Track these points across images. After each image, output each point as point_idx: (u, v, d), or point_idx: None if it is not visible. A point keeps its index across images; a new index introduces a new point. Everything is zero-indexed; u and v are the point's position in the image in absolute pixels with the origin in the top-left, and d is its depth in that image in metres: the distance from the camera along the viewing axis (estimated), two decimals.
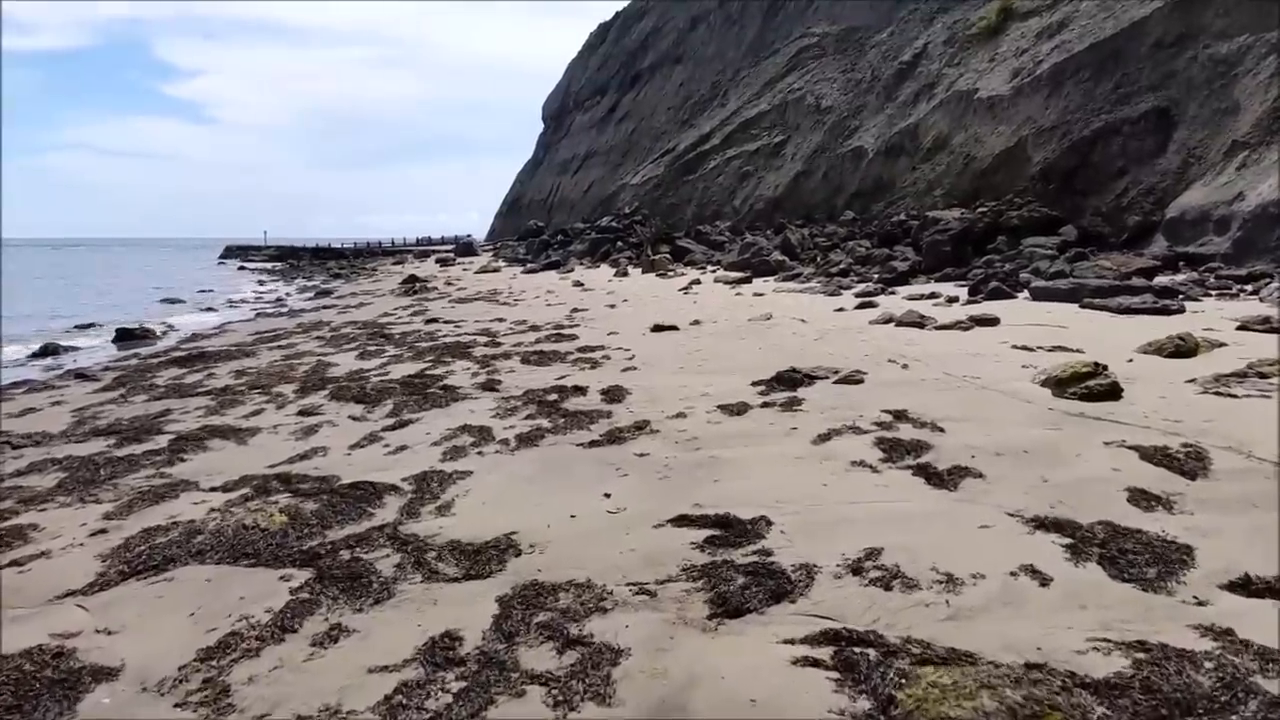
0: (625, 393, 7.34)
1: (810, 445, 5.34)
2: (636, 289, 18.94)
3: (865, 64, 30.74)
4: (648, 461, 5.20)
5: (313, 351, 11.35)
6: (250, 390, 8.52)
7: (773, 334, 10.52)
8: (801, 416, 6.15)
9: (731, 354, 9.18)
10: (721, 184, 34.44)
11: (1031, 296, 11.72)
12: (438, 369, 9.18)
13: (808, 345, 9.43)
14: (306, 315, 17.90)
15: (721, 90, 40.82)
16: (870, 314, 11.61)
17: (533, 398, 7.32)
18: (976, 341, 8.95)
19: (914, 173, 23.36)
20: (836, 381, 7.31)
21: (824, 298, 14.33)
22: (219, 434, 6.52)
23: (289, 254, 59.84)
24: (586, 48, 67.41)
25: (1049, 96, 19.96)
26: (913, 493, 4.37)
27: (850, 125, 28.50)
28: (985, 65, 23.87)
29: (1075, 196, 17.49)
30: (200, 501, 4.83)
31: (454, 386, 8.06)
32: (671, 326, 11.45)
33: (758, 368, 8.18)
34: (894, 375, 7.48)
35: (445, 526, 4.22)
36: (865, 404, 6.37)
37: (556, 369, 8.88)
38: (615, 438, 5.82)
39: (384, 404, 7.43)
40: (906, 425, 5.65)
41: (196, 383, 9.28)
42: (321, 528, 4.27)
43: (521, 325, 13.00)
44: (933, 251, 16.14)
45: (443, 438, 6.04)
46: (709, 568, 3.53)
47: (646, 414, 6.50)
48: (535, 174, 68.76)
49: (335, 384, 8.53)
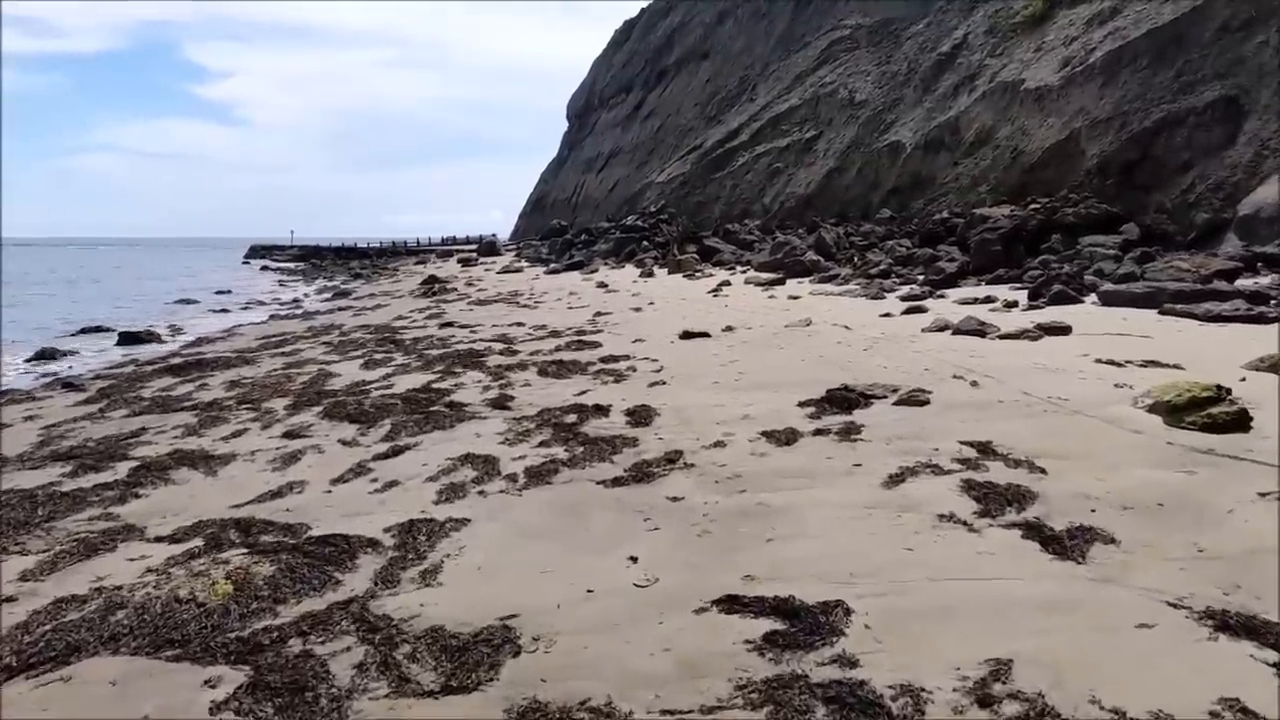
0: (653, 414, 6.41)
1: (881, 489, 4.38)
2: (663, 291, 18.00)
3: (901, 56, 29.52)
4: (682, 509, 4.26)
5: (316, 359, 10.55)
6: (238, 405, 7.71)
7: (814, 343, 9.54)
8: (863, 448, 5.18)
9: (771, 366, 8.22)
10: (750, 181, 33.36)
11: (1100, 301, 10.63)
12: (446, 381, 8.31)
13: (856, 357, 8.44)
14: (320, 318, 17.17)
15: (750, 85, 39.72)
16: (920, 320, 10.58)
17: (548, 419, 6.42)
18: (1050, 353, 7.91)
19: (955, 168, 22.17)
20: (898, 402, 6.33)
21: (866, 301, 13.30)
22: (188, 461, 5.68)
23: (312, 254, 59.57)
24: (611, 45, 66.56)
25: (1103, 86, 18.71)
26: (1028, 564, 3.40)
27: (886, 119, 27.32)
28: (1031, 55, 22.62)
29: (1136, 192, 16.27)
30: (139, 557, 3.97)
31: (461, 404, 7.18)
32: (702, 333, 10.50)
33: (803, 383, 7.22)
34: (963, 395, 6.48)
35: (428, 603, 3.31)
36: (937, 432, 5.39)
37: (576, 383, 7.97)
38: (642, 473, 4.90)
39: (380, 424, 6.56)
40: (996, 463, 4.66)
41: (184, 395, 8.50)
42: (274, 601, 3.39)
43: (541, 331, 12.12)
44: (982, 251, 15.02)
45: (440, 470, 5.15)
46: (773, 687, 2.58)
47: (678, 441, 5.57)
48: (559, 173, 68.03)
49: (332, 399, 7.69)
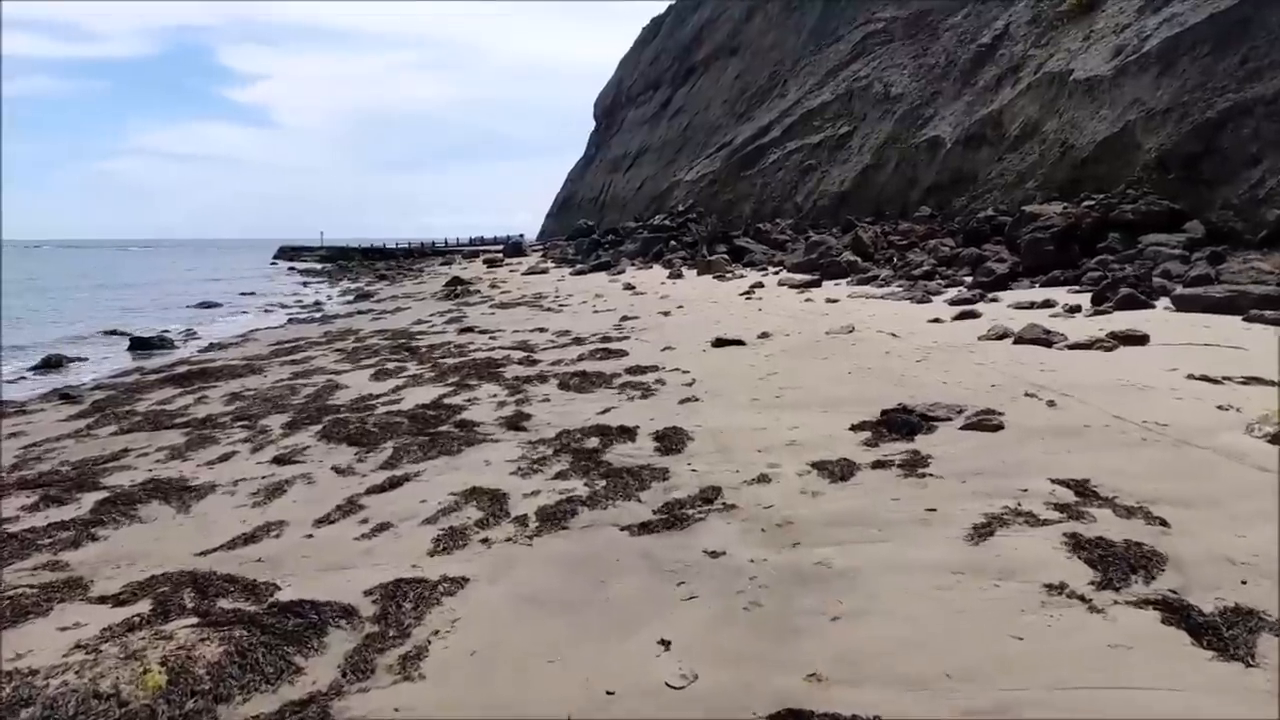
0: (685, 438, 5.68)
1: (966, 545, 3.60)
2: (692, 293, 17.24)
3: (939, 48, 28.47)
4: (724, 569, 3.52)
5: (326, 368, 9.95)
6: (233, 423, 7.10)
7: (861, 351, 8.74)
8: (935, 487, 4.40)
9: (814, 380, 7.45)
10: (782, 179, 32.46)
11: (1175, 306, 9.69)
12: (458, 396, 7.64)
13: (909, 369, 7.63)
14: (339, 321, 16.65)
15: (780, 81, 38.78)
16: (975, 326, 9.73)
17: (567, 443, 5.71)
18: (1131, 367, 7.04)
19: (999, 163, 21.14)
20: (966, 426, 5.54)
21: (911, 305, 12.43)
22: (161, 492, 5.05)
23: (340, 255, 59.50)
24: (639, 42, 65.89)
25: (1160, 76, 17.62)
26: (1180, 665, 2.61)
27: (924, 114, 26.30)
28: (1079, 45, 21.53)
29: (1199, 187, 15.19)
30: (73, 625, 3.32)
31: (472, 423, 6.50)
32: (736, 341, 9.74)
33: (853, 400, 6.45)
34: (1041, 417, 5.66)
35: (405, 707, 2.61)
36: (1020, 466, 4.60)
37: (599, 398, 7.26)
38: (674, 516, 4.17)
39: (381, 448, 5.90)
40: (1102, 510, 3.86)
41: (180, 410, 7.92)
42: (214, 699, 2.70)
43: (564, 337, 11.43)
44: (1033, 251, 14.07)
45: (441, 509, 4.45)
46: None
47: (715, 473, 4.84)
48: (586, 172, 67.47)
49: (333, 415, 7.06)
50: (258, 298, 26.07)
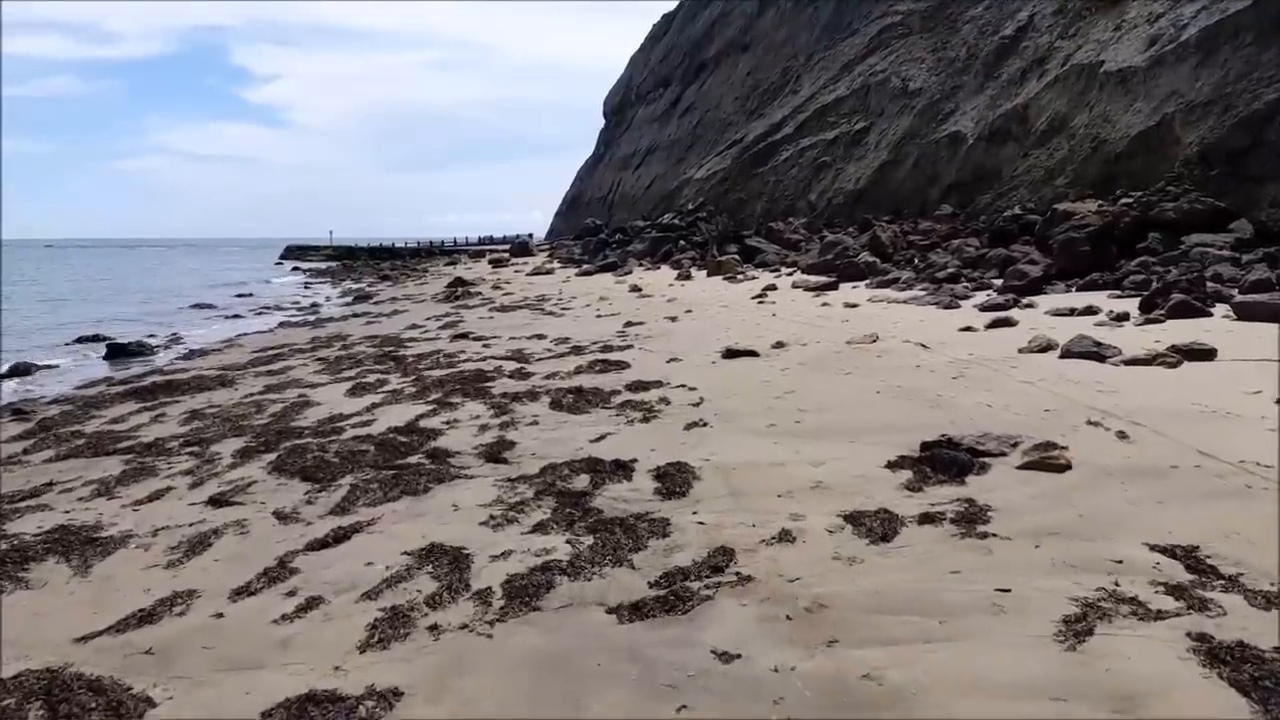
0: (691, 476, 4.82)
1: (1059, 650, 2.72)
2: (701, 295, 16.37)
3: (959, 41, 27.45)
4: (738, 682, 2.66)
5: (302, 380, 9.14)
6: (182, 449, 6.30)
7: (887, 365, 7.85)
8: (1003, 552, 3.53)
9: (838, 399, 6.57)
10: (795, 176, 31.49)
11: (1236, 314, 8.74)
12: (438, 416, 6.80)
13: (946, 387, 6.74)
14: (330, 326, 15.86)
15: (793, 76, 37.77)
16: (1012, 336, 8.82)
17: (552, 481, 4.87)
18: (1203, 388, 6.13)
19: (1026, 159, 20.15)
20: (1026, 465, 4.66)
21: (938, 311, 11.52)
22: (64, 546, 4.23)
23: (346, 254, 58.79)
24: (649, 39, 64.93)
25: (1199, 66, 16.60)
26: None
27: (944, 108, 25.30)
28: (1109, 35, 20.51)
29: (1246, 184, 14.17)
30: None
31: (446, 453, 5.66)
32: (749, 351, 8.87)
33: (885, 427, 5.59)
34: (1113, 452, 4.78)
35: None
36: (1103, 522, 3.73)
37: (595, 420, 6.41)
38: (675, 593, 3.32)
39: (338, 485, 5.07)
40: (1230, 596, 2.98)
41: (131, 430, 7.12)
42: None
43: (562, 345, 10.59)
44: (1067, 252, 13.12)
45: (386, 579, 3.61)
46: None
47: (726, 528, 3.99)
48: (595, 171, 66.60)
49: (294, 440, 6.24)
50: (254, 299, 25.35)
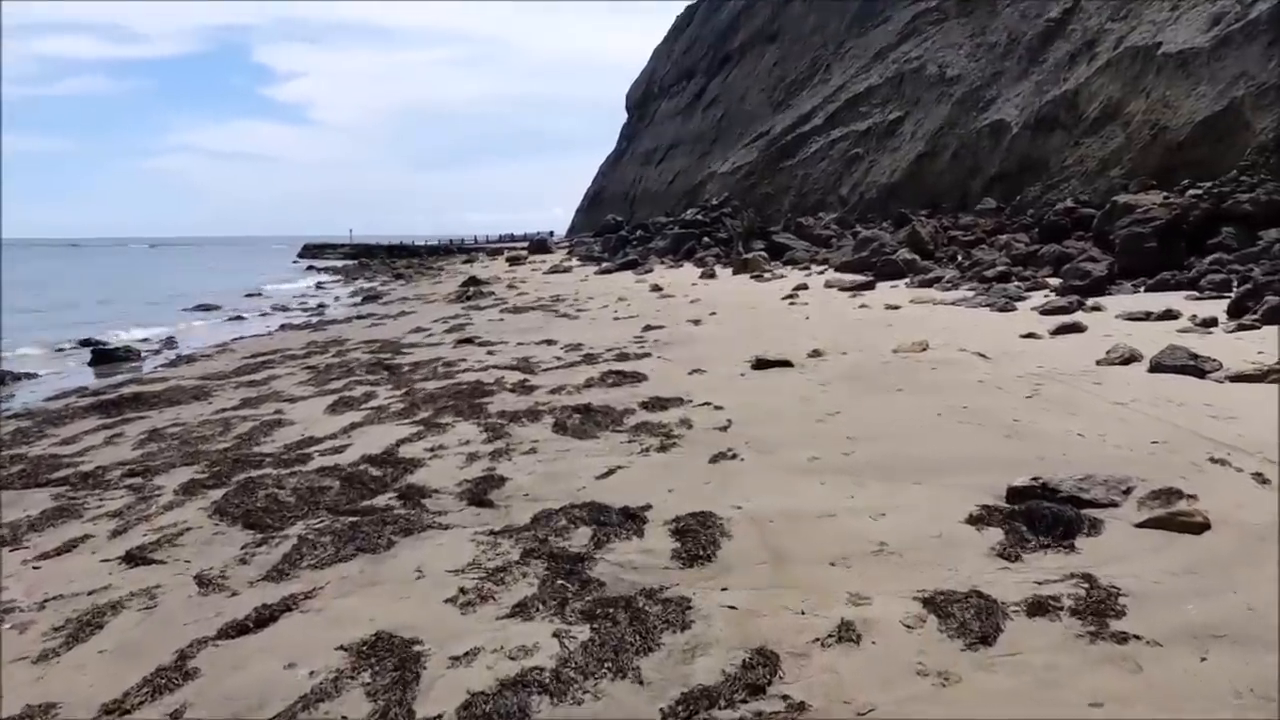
0: (719, 531, 3.84)
1: None
2: (727, 296, 15.33)
3: (999, 26, 26.09)
4: None
5: (282, 393, 8.25)
6: (123, 480, 5.42)
7: (945, 380, 6.79)
8: (1154, 667, 2.51)
9: (893, 424, 5.54)
10: (825, 169, 30.28)
11: None
12: (421, 441, 5.86)
13: (1021, 409, 5.68)
14: (332, 329, 15.01)
15: (823, 65, 36.48)
16: (1085, 344, 7.73)
17: (544, 537, 3.90)
18: None
19: (1076, 149, 18.86)
20: (1147, 523, 3.62)
21: (990, 314, 10.40)
22: None
23: (363, 252, 58.27)
24: (673, 31, 63.73)
25: (1271, 45, 15.29)
26: None
27: (984, 96, 24.00)
28: (1165, 15, 19.15)
29: None
30: None
31: (423, 491, 4.72)
32: (782, 362, 7.84)
33: (956, 463, 4.58)
34: (1258, 505, 3.73)
35: None
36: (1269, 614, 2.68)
37: (603, 448, 5.44)
38: None
39: (284, 535, 4.14)
40: None
41: (76, 455, 6.26)
42: None
43: (574, 352, 9.62)
44: (1131, 248, 11.93)
45: (302, 699, 2.66)
46: None
47: (765, 614, 3.02)
48: (617, 166, 65.58)
49: (252, 469, 5.34)
50: (262, 300, 24.64)
